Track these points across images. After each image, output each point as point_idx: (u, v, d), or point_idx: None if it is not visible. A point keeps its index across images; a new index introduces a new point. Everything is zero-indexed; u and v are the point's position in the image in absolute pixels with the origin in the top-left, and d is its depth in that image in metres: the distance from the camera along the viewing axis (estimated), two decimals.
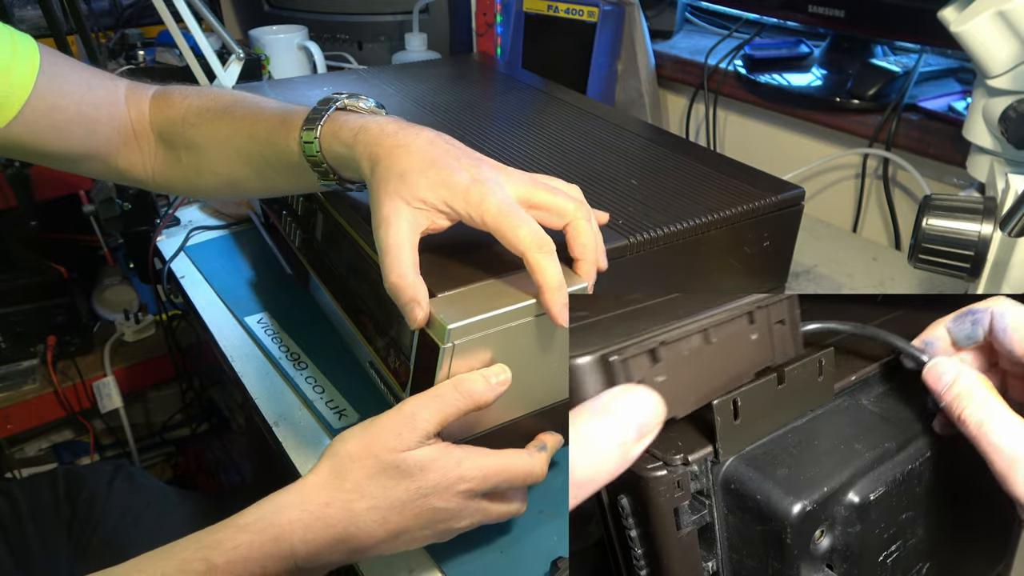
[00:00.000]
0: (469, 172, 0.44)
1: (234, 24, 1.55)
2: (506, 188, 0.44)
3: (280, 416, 0.63)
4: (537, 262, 0.42)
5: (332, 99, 0.51)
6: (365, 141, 0.46)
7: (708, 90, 1.09)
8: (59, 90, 0.55)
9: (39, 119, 0.55)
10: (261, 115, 0.54)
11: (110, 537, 0.76)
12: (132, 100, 0.61)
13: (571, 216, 0.46)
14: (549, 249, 0.42)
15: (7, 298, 1.19)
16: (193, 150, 0.58)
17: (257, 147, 0.54)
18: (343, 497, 0.42)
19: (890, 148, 0.89)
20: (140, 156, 0.61)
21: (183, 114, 0.58)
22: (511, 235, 0.42)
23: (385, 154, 0.45)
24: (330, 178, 0.51)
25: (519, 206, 0.44)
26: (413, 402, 0.43)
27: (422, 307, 0.43)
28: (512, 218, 0.42)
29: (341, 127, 0.48)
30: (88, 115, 0.58)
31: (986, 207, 0.56)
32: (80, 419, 1.30)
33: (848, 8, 0.87)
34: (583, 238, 0.46)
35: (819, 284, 0.82)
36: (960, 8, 0.60)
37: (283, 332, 0.72)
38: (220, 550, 0.40)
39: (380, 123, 0.47)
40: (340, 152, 0.48)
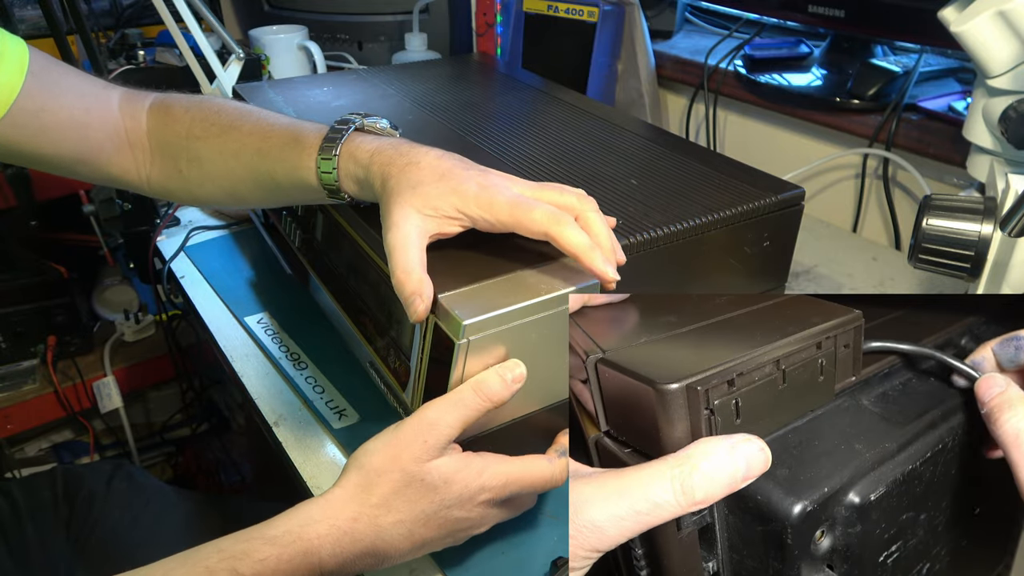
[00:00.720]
0: (476, 180, 0.45)
1: (234, 24, 1.55)
2: (513, 188, 0.46)
3: (280, 416, 0.63)
4: (560, 233, 0.43)
5: (350, 120, 0.52)
6: (380, 162, 0.48)
7: (708, 90, 1.09)
8: (49, 92, 0.55)
9: (29, 120, 0.55)
10: (272, 131, 0.54)
11: (109, 536, 0.76)
12: (126, 108, 0.61)
13: (578, 209, 0.47)
14: (567, 220, 0.44)
15: (7, 298, 1.19)
16: (196, 162, 0.58)
17: (266, 163, 0.54)
18: (370, 512, 0.42)
19: (890, 148, 0.89)
20: (134, 163, 0.61)
21: (187, 127, 0.58)
22: (527, 220, 0.44)
23: (398, 171, 0.46)
24: (341, 196, 0.52)
25: (527, 196, 0.45)
26: (435, 407, 0.44)
27: (424, 300, 0.43)
28: (523, 206, 0.44)
29: (358, 148, 0.49)
30: (79, 119, 0.57)
31: (986, 207, 0.56)
32: (80, 419, 1.30)
33: (848, 8, 0.87)
34: (594, 227, 0.46)
35: (819, 284, 0.82)
36: (960, 8, 0.60)
37: (283, 332, 0.72)
38: (247, 561, 0.40)
39: (394, 143, 0.49)
40: (356, 173, 0.49)
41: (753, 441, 0.30)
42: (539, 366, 0.47)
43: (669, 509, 0.29)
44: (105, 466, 0.83)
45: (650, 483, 0.29)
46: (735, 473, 0.29)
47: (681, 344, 0.39)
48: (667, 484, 0.29)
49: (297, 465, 0.58)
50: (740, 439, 0.30)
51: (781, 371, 0.36)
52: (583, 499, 0.30)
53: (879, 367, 0.43)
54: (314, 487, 0.56)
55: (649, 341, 0.40)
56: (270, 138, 0.54)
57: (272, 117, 0.56)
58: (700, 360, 0.34)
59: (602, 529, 0.29)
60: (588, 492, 0.30)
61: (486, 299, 0.44)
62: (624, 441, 0.37)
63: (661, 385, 0.33)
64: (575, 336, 0.42)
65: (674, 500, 0.29)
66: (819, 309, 0.41)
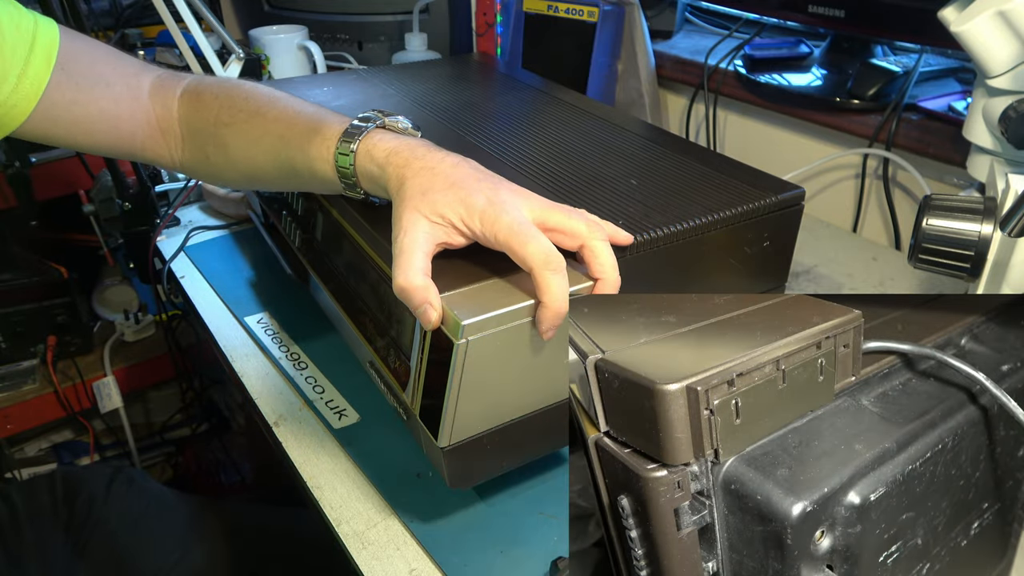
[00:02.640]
0: (486, 195, 0.45)
1: (234, 24, 1.55)
2: (522, 210, 0.46)
3: (280, 416, 0.63)
4: (544, 279, 0.43)
5: (372, 117, 0.52)
6: (396, 163, 0.48)
7: (708, 90, 1.09)
8: (77, 86, 0.56)
9: (61, 113, 0.56)
10: (296, 119, 0.55)
11: (108, 539, 0.76)
12: (158, 96, 0.61)
13: (585, 237, 0.46)
14: (557, 266, 0.43)
15: (7, 298, 1.19)
16: (222, 148, 0.59)
17: (287, 150, 0.54)
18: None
19: (890, 148, 0.89)
20: (166, 149, 0.62)
21: (215, 113, 0.58)
22: (520, 251, 0.43)
23: (412, 175, 0.46)
24: (357, 191, 0.52)
25: (531, 225, 0.45)
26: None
27: (435, 308, 0.43)
28: (521, 236, 0.43)
29: (375, 146, 0.50)
30: (109, 111, 0.58)
31: (986, 207, 0.56)
32: (80, 419, 1.30)
33: (848, 8, 0.87)
34: (601, 258, 0.46)
35: (819, 284, 0.82)
36: (960, 8, 0.60)
37: (283, 332, 0.72)
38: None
39: (412, 145, 0.49)
40: (372, 171, 0.50)
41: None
42: (539, 366, 0.47)
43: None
44: (105, 469, 0.83)
45: None
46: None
47: (681, 344, 0.39)
48: None
49: (297, 465, 0.58)
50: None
51: (781, 371, 0.36)
52: None
53: (879, 367, 0.43)
54: (314, 487, 0.56)
55: (649, 341, 0.40)
56: (294, 126, 0.54)
57: (299, 104, 0.56)
58: (700, 360, 0.34)
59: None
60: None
61: (486, 299, 0.44)
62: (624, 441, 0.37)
63: (660, 385, 0.33)
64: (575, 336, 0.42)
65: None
66: (819, 309, 0.41)
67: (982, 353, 0.47)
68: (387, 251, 0.50)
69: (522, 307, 0.44)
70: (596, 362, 0.38)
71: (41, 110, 0.54)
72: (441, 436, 0.46)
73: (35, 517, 0.78)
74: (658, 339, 0.40)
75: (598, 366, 0.38)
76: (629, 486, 0.34)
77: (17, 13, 0.54)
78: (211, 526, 0.80)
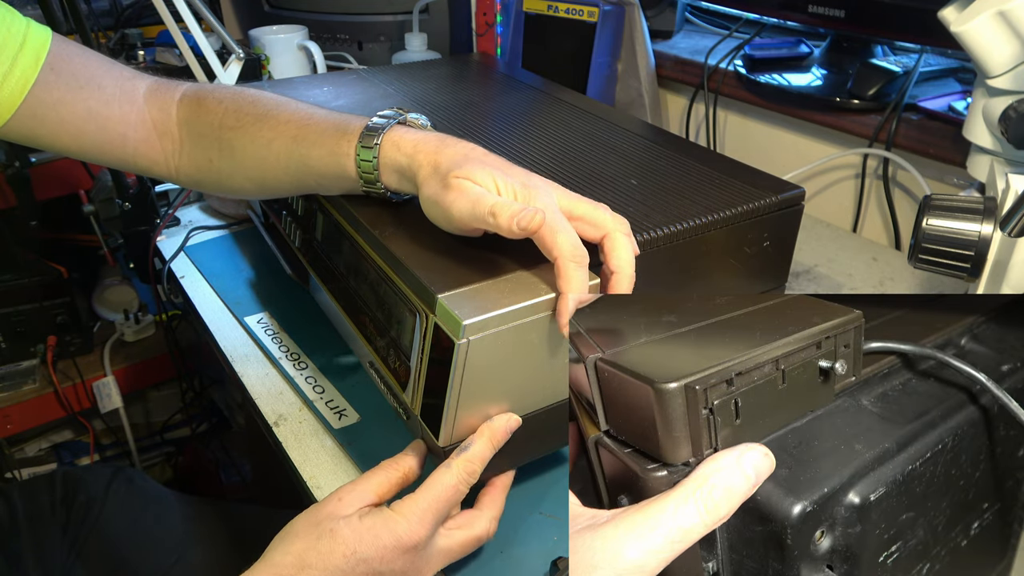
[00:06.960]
0: (521, 178, 0.46)
1: (234, 24, 1.55)
2: (553, 194, 0.46)
3: (280, 416, 0.63)
4: (568, 270, 0.43)
5: (393, 115, 0.53)
6: (425, 151, 0.49)
7: (708, 90, 1.09)
8: (66, 85, 0.56)
9: (47, 112, 0.55)
10: (312, 119, 0.55)
11: (107, 541, 0.76)
12: (154, 99, 0.60)
13: (609, 228, 0.47)
14: (582, 259, 0.43)
15: (7, 298, 1.19)
16: (228, 152, 0.58)
17: (302, 148, 0.54)
18: (287, 572, 0.43)
19: (890, 148, 0.89)
20: (162, 154, 0.61)
21: (220, 118, 0.58)
22: (549, 238, 0.43)
23: (447, 159, 0.47)
24: (377, 186, 0.52)
25: (561, 214, 0.45)
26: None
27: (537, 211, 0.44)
28: (553, 224, 0.43)
29: (402, 138, 0.50)
30: (98, 111, 0.58)
31: (986, 207, 0.56)
32: (80, 419, 1.30)
33: (848, 8, 0.87)
34: (620, 251, 0.46)
35: (819, 284, 0.82)
36: (960, 8, 0.60)
37: (283, 332, 0.72)
38: None
39: (439, 136, 0.50)
40: (399, 161, 0.50)
41: (756, 448, 0.31)
42: (539, 366, 0.47)
43: (698, 531, 0.30)
44: (105, 470, 0.83)
45: (676, 510, 0.30)
46: (747, 481, 0.31)
47: (680, 344, 0.39)
48: (692, 508, 0.30)
49: (297, 465, 0.58)
50: (744, 448, 0.31)
51: (781, 371, 0.36)
52: (614, 544, 0.30)
53: (879, 367, 0.43)
54: (314, 487, 0.56)
55: (649, 341, 0.40)
56: (309, 125, 0.54)
57: (310, 107, 0.57)
58: (699, 360, 0.34)
59: (642, 566, 0.29)
60: (615, 535, 0.30)
61: (486, 299, 0.44)
62: (624, 441, 0.37)
63: (660, 384, 0.33)
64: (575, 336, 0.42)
65: (701, 520, 0.30)
66: (819, 309, 0.41)
67: (982, 353, 0.47)
68: (387, 251, 0.50)
69: (523, 307, 0.44)
70: (596, 362, 0.38)
71: (26, 108, 0.54)
72: (442, 436, 0.46)
73: (35, 517, 0.78)
74: (658, 339, 0.40)
75: (598, 366, 0.38)
76: (629, 485, 0.34)
77: (10, 16, 0.54)
78: (211, 526, 0.80)
